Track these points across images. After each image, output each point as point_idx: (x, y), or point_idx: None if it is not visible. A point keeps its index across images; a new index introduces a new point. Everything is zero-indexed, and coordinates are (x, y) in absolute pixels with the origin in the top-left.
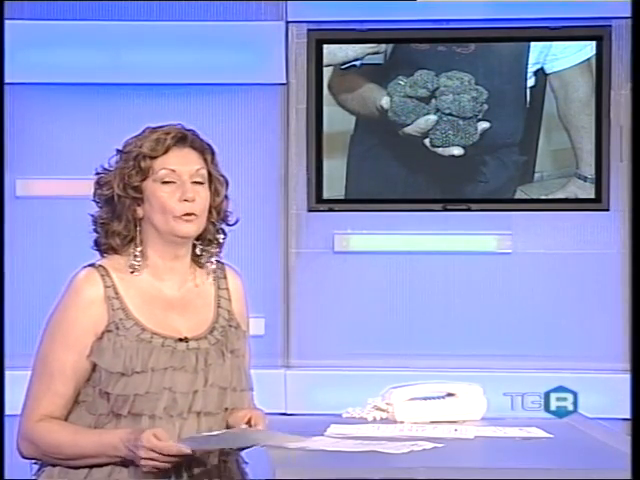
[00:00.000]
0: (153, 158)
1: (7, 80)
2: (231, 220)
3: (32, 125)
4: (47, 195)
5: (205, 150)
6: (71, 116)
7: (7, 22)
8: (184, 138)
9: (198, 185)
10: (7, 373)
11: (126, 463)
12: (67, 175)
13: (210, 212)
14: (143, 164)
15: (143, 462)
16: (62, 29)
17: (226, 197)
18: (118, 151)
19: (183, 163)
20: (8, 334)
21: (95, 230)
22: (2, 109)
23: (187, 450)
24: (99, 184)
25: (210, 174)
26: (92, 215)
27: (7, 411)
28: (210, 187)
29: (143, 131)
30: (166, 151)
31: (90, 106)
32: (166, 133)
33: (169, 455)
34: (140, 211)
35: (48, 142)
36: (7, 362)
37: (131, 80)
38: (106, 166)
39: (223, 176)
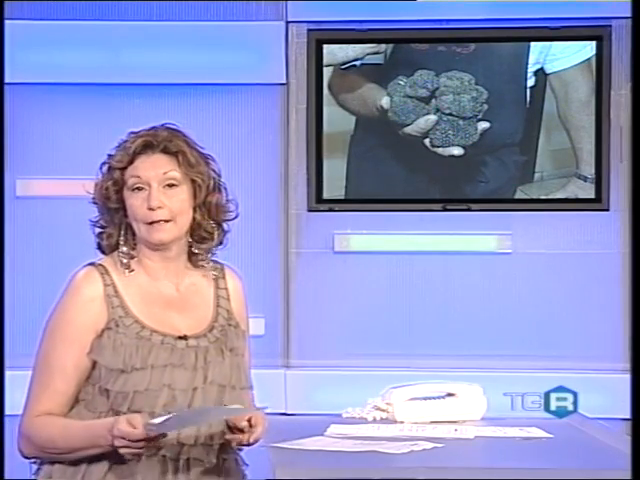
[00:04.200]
0: (123, 169)
1: (7, 80)
2: (231, 215)
3: (32, 125)
4: (47, 195)
5: (178, 152)
6: (71, 116)
7: (7, 22)
8: (150, 144)
9: (171, 188)
10: (7, 373)
11: (123, 461)
12: (67, 175)
13: (196, 210)
14: (115, 175)
15: (120, 450)
16: (62, 29)
17: (218, 190)
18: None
19: (149, 169)
20: (8, 334)
21: (93, 232)
22: (2, 109)
23: (153, 433)
24: (93, 192)
25: (186, 175)
26: (90, 220)
27: (7, 411)
28: (192, 186)
29: (125, 137)
30: (133, 160)
31: (90, 106)
32: (132, 142)
33: (138, 441)
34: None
35: (48, 142)
36: (7, 362)
37: (131, 80)
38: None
39: (206, 173)
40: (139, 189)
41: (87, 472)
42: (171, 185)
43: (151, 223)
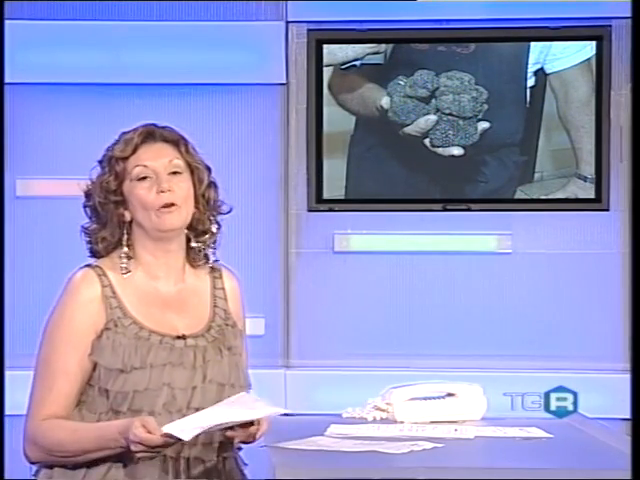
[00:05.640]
0: (125, 159)
1: (7, 80)
2: (224, 209)
3: (32, 125)
4: (47, 195)
5: (178, 141)
6: (71, 116)
7: (7, 22)
8: (152, 134)
9: (175, 175)
10: (7, 373)
11: (123, 461)
12: (67, 175)
13: (197, 201)
14: (117, 167)
15: (136, 453)
16: (62, 29)
17: (213, 185)
18: (98, 162)
19: (155, 157)
20: (8, 334)
21: (85, 240)
22: (2, 109)
23: (171, 440)
24: (86, 197)
25: (188, 163)
26: (82, 226)
27: (7, 411)
28: (192, 176)
29: (118, 136)
30: (136, 149)
31: (90, 106)
32: (134, 132)
33: (156, 446)
34: (127, 214)
35: (48, 142)
36: (7, 362)
37: (131, 80)
38: (92, 178)
39: (203, 163)
40: (144, 178)
41: (87, 473)
42: (175, 173)
43: (161, 208)
